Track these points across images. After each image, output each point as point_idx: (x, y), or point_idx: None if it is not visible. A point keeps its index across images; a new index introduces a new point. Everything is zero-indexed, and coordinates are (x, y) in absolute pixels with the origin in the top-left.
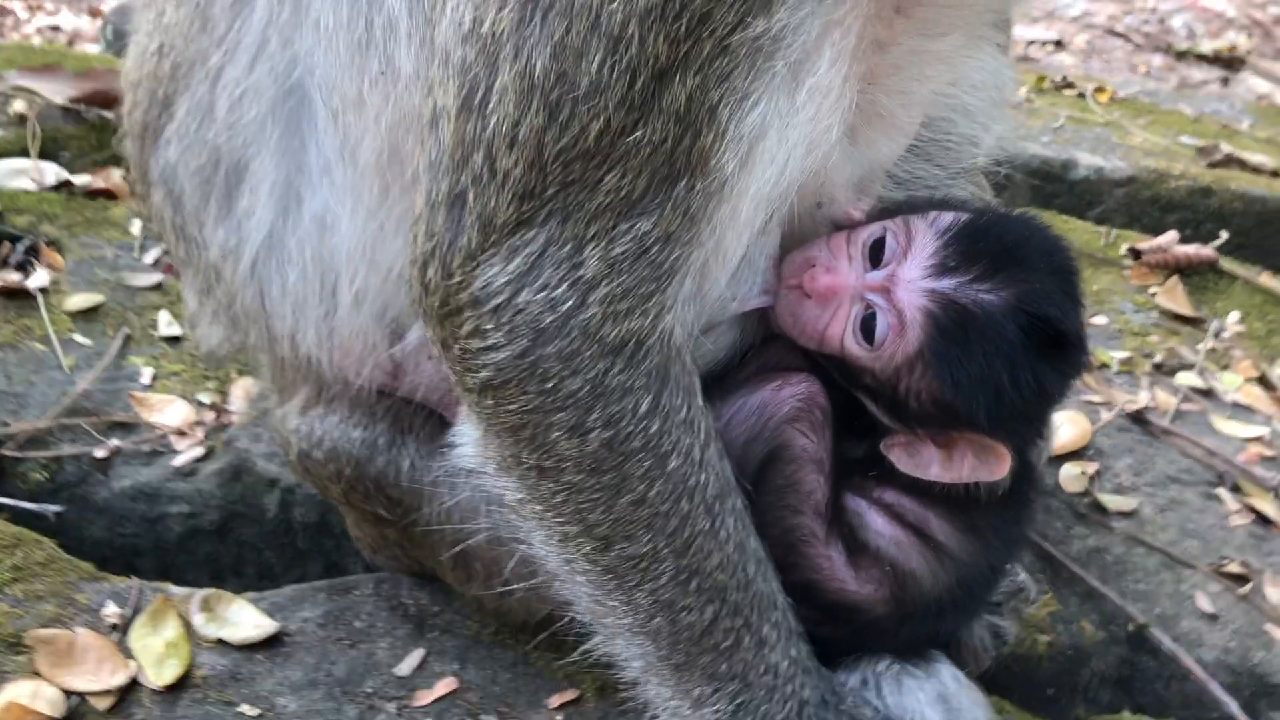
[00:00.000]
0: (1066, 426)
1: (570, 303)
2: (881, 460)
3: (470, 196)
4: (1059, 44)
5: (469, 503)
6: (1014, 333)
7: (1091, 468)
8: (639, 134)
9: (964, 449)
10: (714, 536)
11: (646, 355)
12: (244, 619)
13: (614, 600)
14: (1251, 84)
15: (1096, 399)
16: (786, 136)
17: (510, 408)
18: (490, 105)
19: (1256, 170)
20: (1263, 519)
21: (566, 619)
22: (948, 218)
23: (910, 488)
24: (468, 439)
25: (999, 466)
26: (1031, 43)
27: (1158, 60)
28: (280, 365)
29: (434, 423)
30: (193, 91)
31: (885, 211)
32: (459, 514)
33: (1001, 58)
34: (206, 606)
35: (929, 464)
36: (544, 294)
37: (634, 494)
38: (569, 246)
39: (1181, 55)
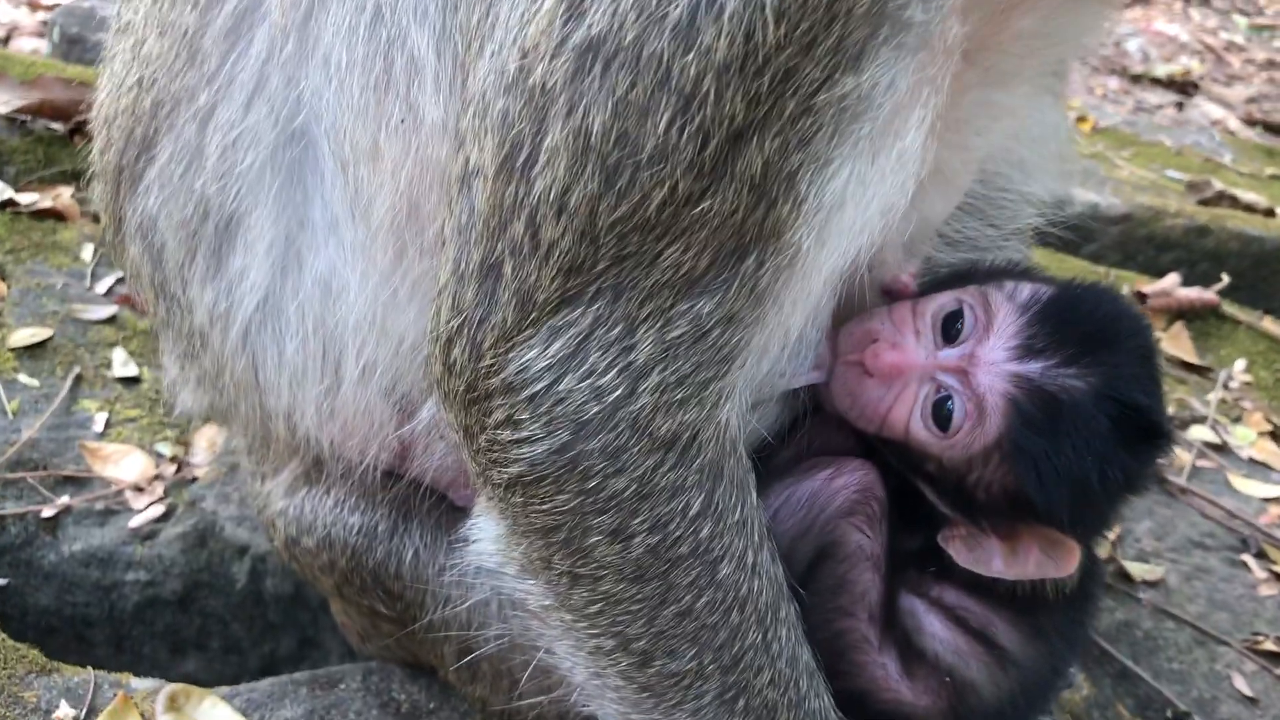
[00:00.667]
0: None
1: (619, 392)
2: (939, 554)
3: (507, 269)
4: None
5: (483, 603)
6: (1104, 423)
7: (1114, 532)
8: (707, 204)
9: (1030, 543)
10: (765, 651)
11: (700, 450)
12: None
13: None
14: (1206, 109)
15: None
16: (866, 205)
17: (543, 507)
18: (537, 167)
19: (1250, 209)
20: None
21: None
22: (1027, 290)
23: (971, 585)
24: (487, 536)
25: (1068, 562)
26: None
27: (1114, 83)
28: (269, 439)
29: (442, 508)
30: (178, 133)
31: (949, 279)
32: (470, 615)
33: (1060, 108)
34: (173, 705)
35: (991, 559)
36: (589, 381)
37: (679, 605)
38: (619, 328)
39: (1136, 79)
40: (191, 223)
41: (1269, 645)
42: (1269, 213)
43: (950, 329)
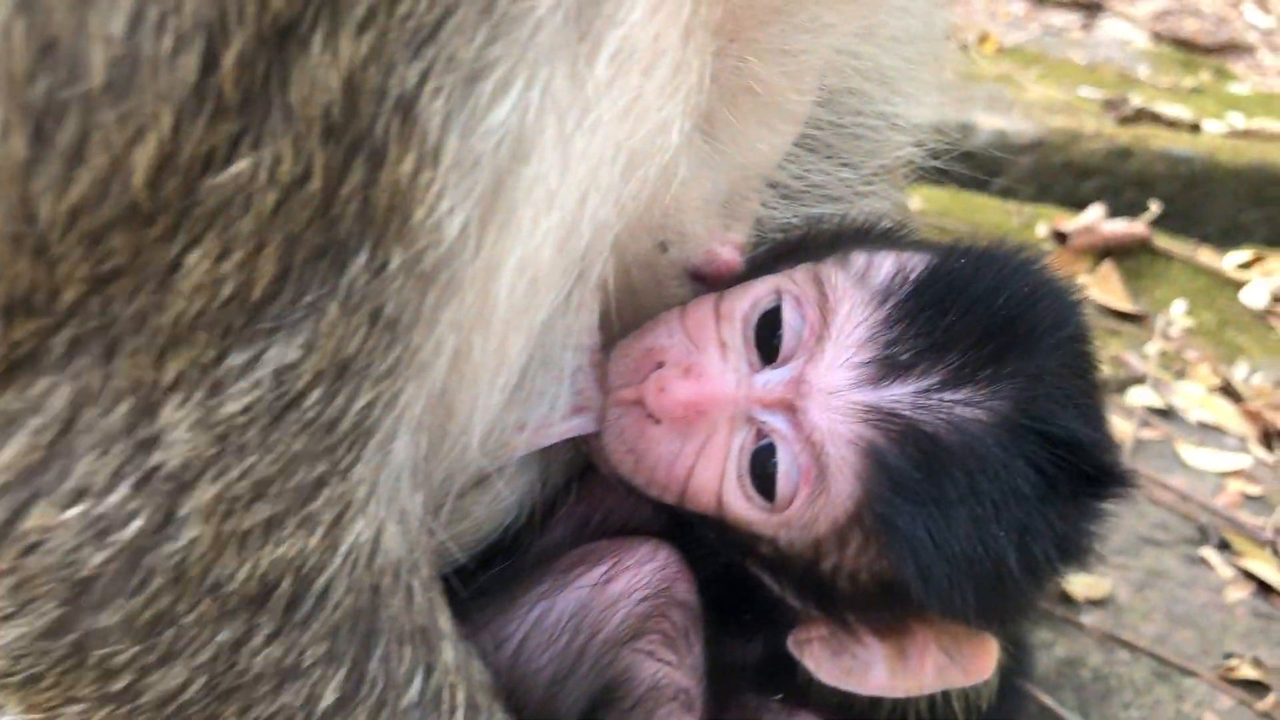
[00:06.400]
0: None
1: (140, 522)
2: (790, 667)
3: None
4: None
5: None
6: (1022, 472)
7: None
8: (245, 164)
9: (925, 640)
10: None
11: (325, 599)
12: None
13: None
14: (1112, 27)
15: None
16: (578, 145)
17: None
18: None
19: (1174, 125)
20: (1263, 586)
21: None
22: (887, 266)
23: (842, 708)
24: None
25: (981, 664)
26: None
27: (1017, 7)
28: None
29: None
30: None
31: (771, 255)
32: None
33: None
34: None
35: (868, 669)
36: (83, 508)
37: None
38: (125, 407)
39: (1041, 1)
40: None
41: (1245, 670)
42: (1194, 128)
43: (770, 338)
